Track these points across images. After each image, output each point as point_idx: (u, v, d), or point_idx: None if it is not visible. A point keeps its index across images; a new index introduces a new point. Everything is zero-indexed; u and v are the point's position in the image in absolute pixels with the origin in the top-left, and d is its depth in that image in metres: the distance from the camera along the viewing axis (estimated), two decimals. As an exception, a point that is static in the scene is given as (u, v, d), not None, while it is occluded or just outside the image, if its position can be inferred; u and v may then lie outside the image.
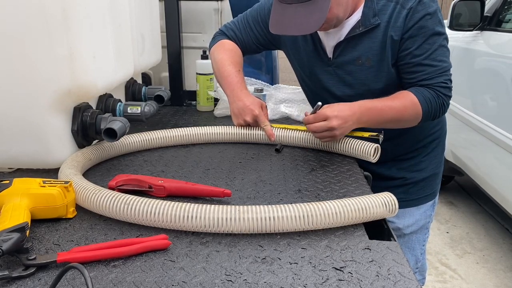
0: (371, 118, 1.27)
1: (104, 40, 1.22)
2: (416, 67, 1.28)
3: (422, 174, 1.53)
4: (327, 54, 1.39)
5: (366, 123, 1.27)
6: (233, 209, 0.85)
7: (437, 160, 1.57)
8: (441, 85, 1.28)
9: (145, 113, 1.33)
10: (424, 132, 1.49)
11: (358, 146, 1.28)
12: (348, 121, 1.23)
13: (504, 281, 2.64)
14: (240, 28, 1.56)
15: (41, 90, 1.06)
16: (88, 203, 0.93)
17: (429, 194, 1.57)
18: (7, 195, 0.88)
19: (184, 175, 1.17)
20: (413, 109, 1.27)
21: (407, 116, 1.29)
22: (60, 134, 1.12)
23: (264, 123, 1.37)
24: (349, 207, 0.88)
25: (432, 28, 1.25)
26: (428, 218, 1.60)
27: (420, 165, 1.53)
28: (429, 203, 1.58)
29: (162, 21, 1.81)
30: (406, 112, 1.27)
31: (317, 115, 1.24)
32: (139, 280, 0.73)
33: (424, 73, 1.27)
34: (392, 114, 1.27)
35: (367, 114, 1.26)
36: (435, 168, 1.56)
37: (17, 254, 0.75)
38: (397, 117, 1.28)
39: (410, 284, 0.73)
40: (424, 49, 1.26)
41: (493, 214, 3.32)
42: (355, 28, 1.30)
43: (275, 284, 0.73)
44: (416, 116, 1.29)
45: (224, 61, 1.49)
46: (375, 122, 1.28)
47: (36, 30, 1.01)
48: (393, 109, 1.27)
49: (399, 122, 1.31)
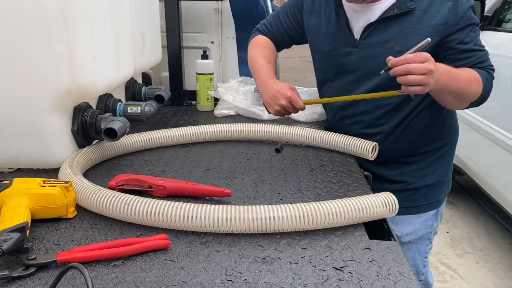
0: (448, 81, 1.21)
1: (104, 40, 1.22)
2: (468, 52, 1.29)
3: (425, 181, 1.48)
4: (353, 36, 1.37)
5: (443, 85, 1.20)
6: (233, 209, 0.85)
7: (444, 168, 1.51)
8: (491, 67, 1.33)
9: (145, 113, 1.33)
10: (430, 135, 1.45)
11: (356, 144, 1.28)
12: (435, 73, 1.14)
13: (504, 281, 2.64)
14: (271, 23, 1.61)
15: (41, 90, 1.06)
16: (88, 203, 0.93)
17: (432, 202, 1.51)
18: (7, 195, 0.88)
19: (184, 175, 1.17)
20: (477, 84, 1.28)
21: (472, 90, 1.28)
22: (60, 134, 1.12)
23: (298, 104, 1.37)
24: (349, 207, 0.88)
25: (475, 19, 1.29)
26: (430, 228, 1.53)
27: (424, 170, 1.48)
28: (431, 212, 1.52)
29: (162, 21, 1.80)
30: (472, 86, 1.27)
31: (418, 55, 1.13)
32: (139, 280, 0.73)
33: (477, 57, 1.30)
34: (463, 83, 1.25)
35: (446, 75, 1.20)
36: (440, 176, 1.50)
37: (17, 254, 0.75)
38: (465, 88, 1.26)
39: (410, 284, 0.73)
40: (471, 37, 1.29)
41: (493, 214, 3.32)
42: (389, 10, 1.28)
43: (275, 284, 0.73)
44: (478, 92, 1.29)
45: (255, 55, 1.56)
46: (449, 86, 1.23)
47: (36, 30, 1.01)
48: (463, 78, 1.25)
49: (464, 96, 1.29)
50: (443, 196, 1.54)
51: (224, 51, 2.00)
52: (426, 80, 1.12)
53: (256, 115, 1.66)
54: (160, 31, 1.78)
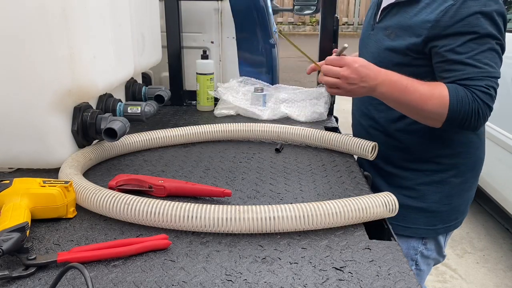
0: (390, 91, 1.14)
1: (104, 40, 1.22)
2: (456, 65, 1.13)
3: (406, 201, 1.30)
4: (376, 18, 1.36)
5: (383, 94, 1.16)
6: (233, 209, 0.85)
7: (438, 197, 1.31)
8: (480, 89, 1.11)
9: (145, 113, 1.33)
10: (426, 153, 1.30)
11: (356, 143, 1.28)
12: (364, 81, 1.12)
13: (504, 280, 2.64)
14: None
15: (42, 90, 1.06)
16: (88, 203, 0.93)
17: (410, 228, 1.33)
18: (7, 195, 0.88)
19: (184, 175, 1.17)
20: (439, 101, 1.12)
21: (430, 107, 1.13)
22: (60, 134, 1.12)
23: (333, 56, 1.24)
24: (349, 207, 0.88)
25: (484, 28, 1.10)
26: (414, 250, 1.37)
27: (409, 190, 1.33)
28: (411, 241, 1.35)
29: (162, 21, 1.80)
30: (430, 102, 1.12)
31: (338, 59, 1.15)
32: (139, 280, 0.73)
33: (464, 73, 1.12)
34: (414, 97, 1.13)
35: (388, 85, 1.14)
36: (430, 205, 1.32)
37: (17, 254, 0.75)
38: (419, 103, 1.13)
39: (410, 284, 0.73)
40: (469, 48, 1.12)
41: (493, 214, 3.32)
42: None
43: (275, 284, 0.73)
44: (441, 111, 1.12)
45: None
46: (393, 97, 1.16)
47: (36, 30, 1.01)
48: (417, 92, 1.13)
49: (420, 111, 1.16)
50: (431, 230, 1.35)
51: (224, 51, 2.00)
52: (338, 83, 1.15)
53: (256, 115, 1.66)
54: (160, 31, 1.78)
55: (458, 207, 1.36)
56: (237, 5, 1.89)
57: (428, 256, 1.40)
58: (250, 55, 1.96)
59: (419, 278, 1.44)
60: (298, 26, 12.90)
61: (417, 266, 1.40)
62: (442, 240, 1.40)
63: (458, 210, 1.37)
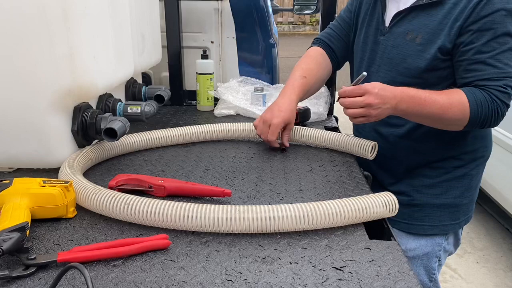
0: (411, 107, 1.16)
1: (104, 40, 1.22)
2: (477, 64, 1.14)
3: (433, 200, 1.34)
4: (385, 23, 1.33)
5: (404, 111, 1.17)
6: (233, 209, 0.85)
7: (459, 191, 1.35)
8: (498, 89, 1.13)
9: (145, 112, 1.33)
10: (447, 151, 1.32)
11: (355, 143, 1.28)
12: (387, 103, 1.14)
13: (504, 280, 2.64)
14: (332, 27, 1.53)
15: (41, 90, 1.06)
16: (88, 203, 0.93)
17: (437, 226, 1.36)
18: (7, 194, 0.88)
19: (184, 175, 1.17)
20: (459, 109, 1.14)
21: (451, 115, 1.15)
22: (60, 134, 1.12)
23: (267, 136, 1.30)
24: (349, 207, 0.88)
25: (505, 26, 1.11)
26: (437, 246, 1.38)
27: (433, 189, 1.34)
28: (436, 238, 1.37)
29: (162, 21, 1.80)
30: (450, 110, 1.15)
31: (356, 88, 1.15)
32: (139, 280, 0.73)
33: (484, 73, 1.14)
34: (434, 108, 1.15)
35: (407, 101, 1.15)
36: (453, 199, 1.34)
37: (17, 253, 0.75)
38: (440, 113, 1.15)
39: (411, 284, 0.73)
40: (491, 47, 1.13)
41: (493, 214, 3.32)
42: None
43: (275, 283, 0.73)
44: (462, 117, 1.15)
45: (295, 68, 1.46)
46: (414, 112, 1.17)
47: (36, 30, 1.01)
48: (436, 103, 1.15)
49: (442, 120, 1.18)
50: (455, 224, 1.38)
51: (224, 51, 2.00)
52: (365, 112, 1.15)
53: (256, 115, 1.66)
54: (160, 31, 1.78)
55: (474, 197, 1.41)
56: (237, 5, 1.89)
57: (447, 250, 1.43)
58: (250, 55, 1.96)
59: (438, 273, 1.45)
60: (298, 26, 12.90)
61: (439, 262, 1.42)
62: (460, 231, 1.43)
63: (474, 200, 1.41)
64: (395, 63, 1.28)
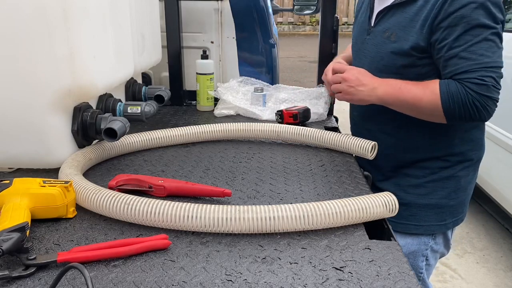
0: (388, 93, 1.23)
1: (104, 40, 1.22)
2: (451, 60, 1.15)
3: (418, 200, 1.35)
4: (371, 23, 1.37)
5: (381, 98, 1.25)
6: (233, 209, 0.85)
7: (446, 192, 1.34)
8: (473, 81, 1.12)
9: (145, 113, 1.33)
10: (432, 151, 1.33)
11: (355, 143, 1.28)
12: (362, 85, 1.26)
13: (504, 280, 2.64)
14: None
15: (41, 90, 1.06)
16: (88, 203, 0.93)
17: (423, 226, 1.36)
18: (7, 195, 0.88)
19: (184, 175, 1.17)
20: (432, 99, 1.17)
21: (424, 104, 1.18)
22: (60, 134, 1.12)
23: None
24: (349, 207, 0.88)
25: (476, 19, 1.11)
26: (425, 245, 1.38)
27: (418, 188, 1.35)
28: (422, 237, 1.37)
29: (162, 21, 1.81)
30: (422, 100, 1.18)
31: (341, 66, 1.35)
32: (139, 280, 0.73)
33: (458, 67, 1.14)
34: (409, 97, 1.20)
35: (385, 87, 1.23)
36: (438, 199, 1.34)
37: (17, 254, 0.75)
38: (413, 102, 1.20)
39: (410, 284, 0.73)
40: (463, 40, 1.13)
41: (493, 214, 3.32)
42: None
43: (275, 284, 0.73)
44: (433, 108, 1.18)
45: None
46: (392, 98, 1.23)
47: (36, 30, 1.01)
48: (411, 92, 1.19)
49: (418, 109, 1.22)
50: (441, 225, 1.37)
51: (224, 51, 2.00)
52: (341, 88, 1.30)
53: (256, 115, 1.66)
54: (160, 31, 1.78)
55: (464, 200, 1.40)
56: (237, 5, 1.89)
57: (436, 250, 1.43)
58: (250, 55, 1.96)
59: (428, 273, 1.46)
60: (298, 26, 12.90)
61: (427, 261, 1.42)
62: (450, 233, 1.43)
63: (464, 203, 1.40)
64: (376, 61, 1.33)
